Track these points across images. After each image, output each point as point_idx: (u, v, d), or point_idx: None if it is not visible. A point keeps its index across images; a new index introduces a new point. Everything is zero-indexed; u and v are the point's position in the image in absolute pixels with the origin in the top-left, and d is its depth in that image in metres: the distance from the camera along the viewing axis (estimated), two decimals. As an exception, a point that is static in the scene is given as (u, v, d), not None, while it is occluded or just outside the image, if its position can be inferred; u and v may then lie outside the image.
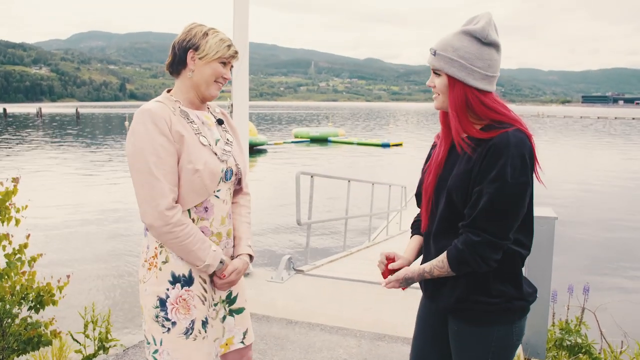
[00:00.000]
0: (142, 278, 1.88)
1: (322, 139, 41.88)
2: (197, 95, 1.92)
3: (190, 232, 1.78)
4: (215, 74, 1.88)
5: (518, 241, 1.65)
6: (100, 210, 14.15)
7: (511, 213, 1.57)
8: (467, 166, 1.62)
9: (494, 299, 1.64)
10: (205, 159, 1.83)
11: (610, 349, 3.89)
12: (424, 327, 1.89)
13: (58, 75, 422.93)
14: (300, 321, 4.11)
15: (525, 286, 1.69)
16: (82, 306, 3.69)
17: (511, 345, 1.70)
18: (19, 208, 3.26)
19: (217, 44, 1.86)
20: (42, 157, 27.78)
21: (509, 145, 1.54)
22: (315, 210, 6.98)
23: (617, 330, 4.23)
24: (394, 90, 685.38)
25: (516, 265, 1.67)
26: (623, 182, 20.77)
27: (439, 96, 1.70)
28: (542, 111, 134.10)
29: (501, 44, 1.67)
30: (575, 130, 60.38)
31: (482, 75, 1.63)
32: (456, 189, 1.63)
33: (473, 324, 1.69)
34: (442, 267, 1.65)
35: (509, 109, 1.67)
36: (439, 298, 1.75)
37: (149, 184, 1.74)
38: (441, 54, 1.64)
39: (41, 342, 3.21)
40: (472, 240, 1.57)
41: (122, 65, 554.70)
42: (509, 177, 1.52)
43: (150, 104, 1.84)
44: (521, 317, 1.70)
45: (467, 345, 1.72)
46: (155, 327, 1.84)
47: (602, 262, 10.25)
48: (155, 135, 1.75)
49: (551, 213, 3.67)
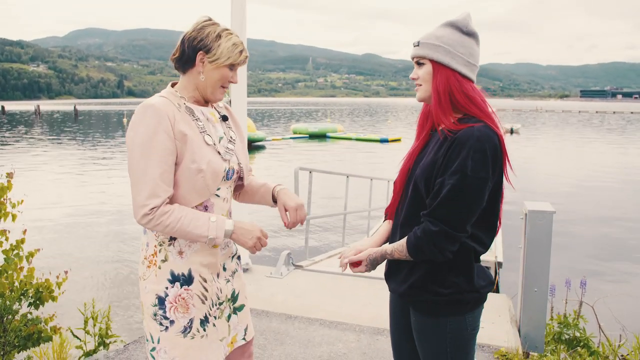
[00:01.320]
0: (141, 275, 1.87)
1: (321, 135, 41.86)
2: (201, 96, 1.88)
3: (178, 215, 1.72)
4: (222, 79, 1.83)
5: (476, 237, 1.70)
6: (98, 207, 14.15)
7: (468, 206, 1.61)
8: (435, 157, 1.67)
9: (446, 290, 1.69)
10: (208, 158, 1.79)
11: (608, 343, 3.90)
12: (395, 319, 1.96)
13: (56, 73, 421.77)
14: (300, 316, 4.13)
15: (477, 279, 1.73)
16: (82, 302, 3.70)
17: (466, 336, 1.75)
18: (14, 203, 3.26)
19: (230, 49, 1.80)
20: (41, 154, 27.74)
21: (472, 139, 1.58)
22: (314, 206, 6.98)
23: (616, 324, 4.24)
24: (392, 86, 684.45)
25: (469, 259, 1.71)
26: (621, 177, 20.79)
27: (421, 87, 1.75)
28: (541, 106, 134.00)
29: (480, 38, 1.75)
30: (573, 124, 60.38)
31: (465, 61, 1.69)
32: (421, 178, 1.69)
33: (427, 314, 1.75)
34: (401, 250, 1.72)
35: (486, 102, 1.72)
36: (394, 280, 1.83)
37: (141, 181, 1.70)
38: (425, 42, 1.72)
39: (41, 338, 3.22)
40: (430, 229, 1.63)
41: (120, 62, 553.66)
42: (469, 170, 1.57)
43: (154, 99, 1.78)
44: (474, 309, 1.75)
45: (425, 336, 1.78)
46: (153, 325, 1.83)
47: (600, 256, 10.28)
48: (155, 132, 1.70)
49: (549, 207, 3.68)
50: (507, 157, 1.69)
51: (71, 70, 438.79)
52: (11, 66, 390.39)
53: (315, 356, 3.46)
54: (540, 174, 19.90)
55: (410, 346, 1.90)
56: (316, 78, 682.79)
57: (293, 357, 3.45)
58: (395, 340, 1.98)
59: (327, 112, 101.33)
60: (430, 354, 1.78)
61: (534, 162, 24.63)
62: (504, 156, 1.67)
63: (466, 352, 1.77)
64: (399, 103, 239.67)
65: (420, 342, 1.80)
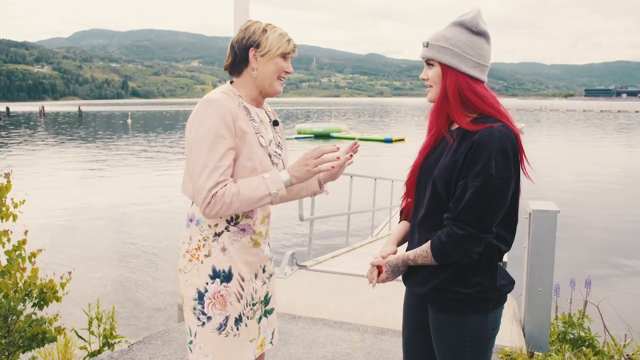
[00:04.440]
0: (182, 268, 1.89)
1: (325, 135, 41.92)
2: (260, 92, 1.91)
3: (234, 190, 1.72)
4: (278, 69, 1.88)
5: (500, 236, 1.69)
6: (103, 207, 14.18)
7: (494, 207, 1.60)
8: (453, 158, 1.65)
9: (469, 290, 1.68)
10: (261, 159, 1.83)
11: (613, 342, 3.89)
12: (409, 318, 1.93)
13: (60, 74, 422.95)
14: (304, 316, 4.13)
15: (499, 278, 1.72)
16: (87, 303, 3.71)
17: (487, 335, 1.73)
18: (16, 203, 3.27)
19: (278, 39, 1.85)
20: (47, 156, 27.83)
21: (493, 140, 1.57)
22: (318, 206, 6.98)
23: (621, 324, 4.23)
24: (396, 86, 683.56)
25: (494, 259, 1.70)
26: (626, 176, 20.70)
27: (432, 88, 1.74)
28: (545, 105, 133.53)
29: (490, 36, 1.72)
30: (578, 123, 60.16)
31: (474, 63, 1.67)
32: (441, 180, 1.67)
33: (449, 313, 1.73)
34: (425, 256, 1.69)
35: (499, 102, 1.71)
36: (413, 281, 1.80)
37: (203, 174, 1.71)
38: (434, 44, 1.70)
39: (46, 338, 3.23)
40: (455, 233, 1.61)
41: (124, 63, 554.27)
42: (493, 171, 1.56)
43: (216, 94, 1.80)
44: (495, 308, 1.73)
45: (445, 334, 1.75)
46: (192, 319, 1.86)
47: (605, 255, 10.24)
48: (219, 127, 1.73)
49: (553, 207, 3.67)
50: (524, 153, 1.68)
51: (75, 71, 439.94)
52: (16, 67, 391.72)
53: (319, 356, 3.46)
54: (544, 173, 19.83)
55: (423, 345, 1.88)
56: (320, 78, 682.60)
57: (297, 357, 3.45)
58: (407, 339, 1.95)
59: (332, 112, 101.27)
60: (449, 352, 1.75)
61: (538, 161, 24.55)
62: (521, 153, 1.66)
63: (485, 351, 1.75)
64: (403, 103, 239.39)
65: (440, 340, 1.78)
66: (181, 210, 13.57)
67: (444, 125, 1.74)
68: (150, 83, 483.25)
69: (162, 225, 12.08)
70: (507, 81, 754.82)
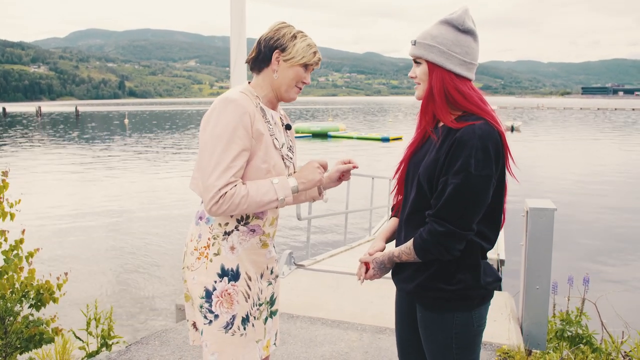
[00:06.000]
0: (189, 265, 1.89)
1: (323, 134, 41.94)
2: (275, 95, 1.92)
3: (243, 191, 1.73)
4: (297, 78, 1.89)
5: (482, 234, 1.70)
6: (100, 207, 14.16)
7: (474, 204, 1.61)
8: (436, 155, 1.67)
9: (452, 287, 1.69)
10: (275, 161, 1.85)
11: (611, 340, 3.89)
12: (401, 315, 1.95)
13: (57, 74, 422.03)
14: (302, 315, 4.12)
15: (484, 275, 1.73)
16: (85, 304, 3.70)
17: (473, 331, 1.75)
18: (12, 203, 3.26)
19: (305, 49, 1.86)
20: (44, 156, 27.77)
21: (474, 138, 1.58)
22: (316, 205, 6.98)
23: (618, 321, 4.23)
24: (393, 84, 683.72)
25: (477, 256, 1.71)
26: (623, 173, 20.74)
27: (419, 85, 1.76)
28: (542, 103, 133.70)
29: (478, 34, 1.73)
30: (574, 121, 60.27)
31: (460, 61, 1.69)
32: (425, 177, 1.69)
33: (433, 310, 1.75)
34: (409, 253, 1.72)
35: (485, 100, 1.72)
36: (401, 278, 1.82)
37: (215, 172, 1.71)
38: (421, 42, 1.72)
39: (43, 339, 3.22)
40: (436, 230, 1.62)
41: (121, 63, 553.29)
42: (472, 169, 1.57)
43: (235, 94, 1.80)
44: (480, 305, 1.75)
45: (431, 332, 1.78)
46: (198, 317, 1.87)
47: (602, 252, 10.26)
48: (236, 127, 1.73)
49: (550, 204, 3.67)
50: (509, 152, 1.69)
51: (72, 71, 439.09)
52: (12, 67, 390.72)
53: (318, 355, 3.46)
54: (541, 171, 19.87)
55: (416, 343, 1.90)
56: (317, 77, 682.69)
57: (295, 356, 3.45)
58: (400, 337, 1.97)
59: (330, 111, 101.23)
60: (437, 349, 1.78)
61: (534, 159, 24.58)
62: (506, 151, 1.67)
63: (472, 348, 1.77)
64: (401, 101, 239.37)
65: (427, 338, 1.80)
66: (179, 210, 13.57)
67: (429, 123, 1.76)
68: (147, 83, 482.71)
69: (160, 225, 12.07)
70: (505, 79, 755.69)
